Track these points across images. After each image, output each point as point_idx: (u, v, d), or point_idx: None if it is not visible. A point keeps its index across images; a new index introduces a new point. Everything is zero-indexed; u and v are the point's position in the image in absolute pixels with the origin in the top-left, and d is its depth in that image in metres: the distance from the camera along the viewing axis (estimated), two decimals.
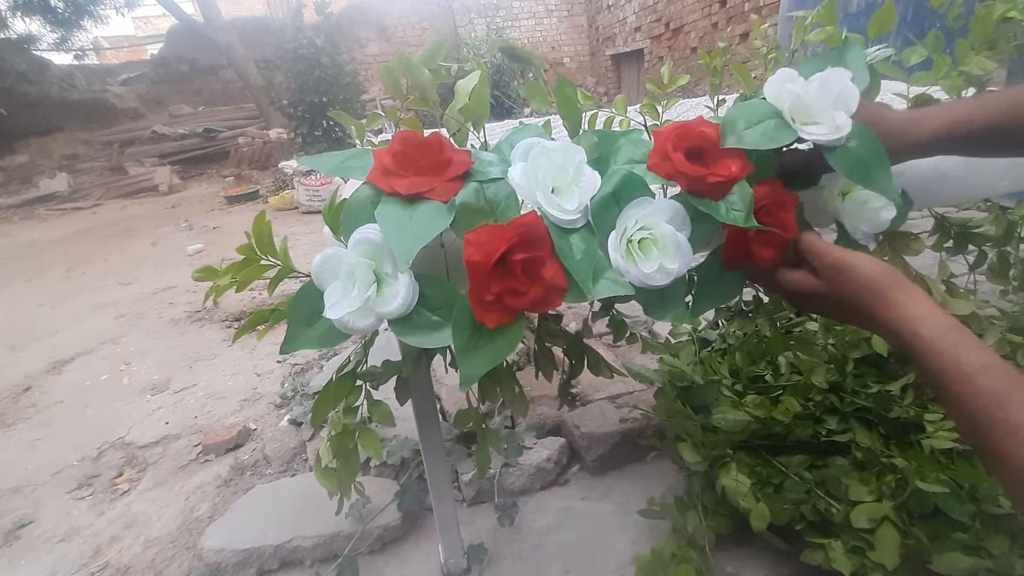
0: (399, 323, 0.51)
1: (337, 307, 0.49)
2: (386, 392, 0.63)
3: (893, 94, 0.74)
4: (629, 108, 0.74)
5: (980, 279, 0.81)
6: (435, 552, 0.86)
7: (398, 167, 0.50)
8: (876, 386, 0.80)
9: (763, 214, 0.56)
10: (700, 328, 1.03)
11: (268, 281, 0.56)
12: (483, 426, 0.67)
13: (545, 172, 0.52)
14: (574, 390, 0.89)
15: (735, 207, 0.53)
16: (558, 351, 0.70)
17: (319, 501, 0.93)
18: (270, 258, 0.53)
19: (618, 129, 0.66)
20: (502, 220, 0.51)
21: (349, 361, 0.60)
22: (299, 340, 0.53)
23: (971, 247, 0.78)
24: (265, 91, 6.81)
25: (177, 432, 1.39)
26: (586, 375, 1.24)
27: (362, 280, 0.49)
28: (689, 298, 0.58)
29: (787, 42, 0.67)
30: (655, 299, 0.56)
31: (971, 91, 0.74)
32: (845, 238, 0.61)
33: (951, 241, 0.78)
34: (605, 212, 0.53)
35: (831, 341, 0.89)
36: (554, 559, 0.84)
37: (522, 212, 0.51)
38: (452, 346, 0.51)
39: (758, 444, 0.78)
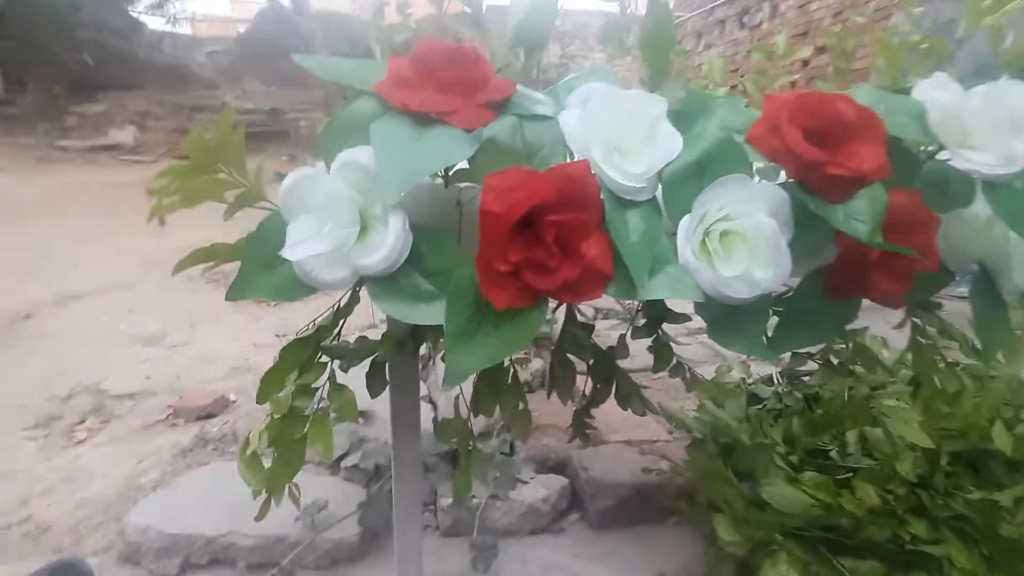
0: (378, 284, 0.38)
1: (300, 247, 0.37)
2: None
3: None
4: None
5: None
6: None
7: (416, 77, 0.37)
8: (977, 491, 0.62)
9: (893, 232, 0.41)
10: (751, 381, 0.87)
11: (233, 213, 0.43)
12: (470, 446, 0.52)
13: (610, 122, 0.39)
14: (591, 422, 0.74)
15: (859, 215, 0.38)
16: (581, 367, 0.55)
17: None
18: (234, 174, 0.41)
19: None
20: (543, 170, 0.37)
21: (312, 325, 0.47)
22: (251, 286, 0.40)
23: None
24: (335, 82, 6.99)
25: (155, 388, 1.29)
26: (605, 409, 1.07)
27: (340, 216, 0.36)
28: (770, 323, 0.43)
29: (948, 31, 0.52)
30: (725, 317, 0.41)
31: None
32: (985, 288, 0.45)
33: None
34: (682, 187, 0.39)
35: (923, 423, 0.71)
36: None
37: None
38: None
39: (816, 536, 0.61)
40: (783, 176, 0.41)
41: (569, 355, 0.54)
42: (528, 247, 0.35)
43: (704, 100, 0.43)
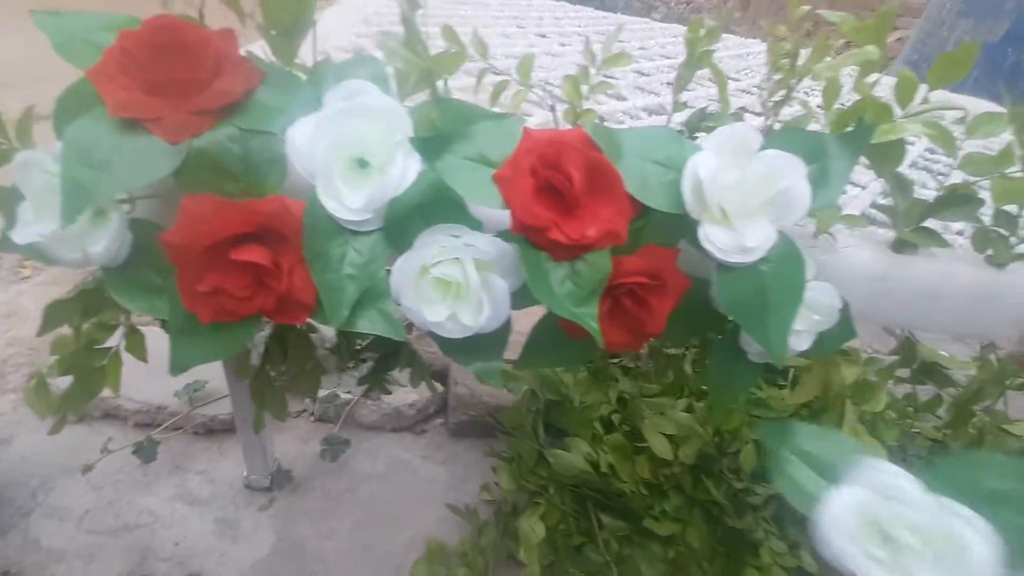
0: (110, 272, 0.40)
1: (24, 231, 0.38)
2: None
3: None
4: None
5: None
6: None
7: (122, 72, 0.35)
8: (745, 483, 0.69)
9: (627, 295, 0.41)
10: None
11: None
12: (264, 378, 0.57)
13: (346, 143, 0.37)
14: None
15: (571, 282, 0.38)
16: None
17: (165, 364, 0.90)
18: None
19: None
20: (257, 191, 0.37)
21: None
22: (5, 245, 0.42)
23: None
24: None
25: None
26: (528, 317, 1.13)
27: (55, 204, 0.37)
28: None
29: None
30: (459, 340, 0.44)
31: None
32: (727, 346, 0.46)
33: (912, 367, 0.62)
34: (404, 225, 0.38)
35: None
36: (356, 508, 0.82)
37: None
38: None
39: (591, 493, 0.70)
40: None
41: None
42: (223, 274, 0.36)
43: (467, 118, 0.40)
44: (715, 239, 0.38)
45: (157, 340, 1.02)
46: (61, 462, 0.82)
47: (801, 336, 0.44)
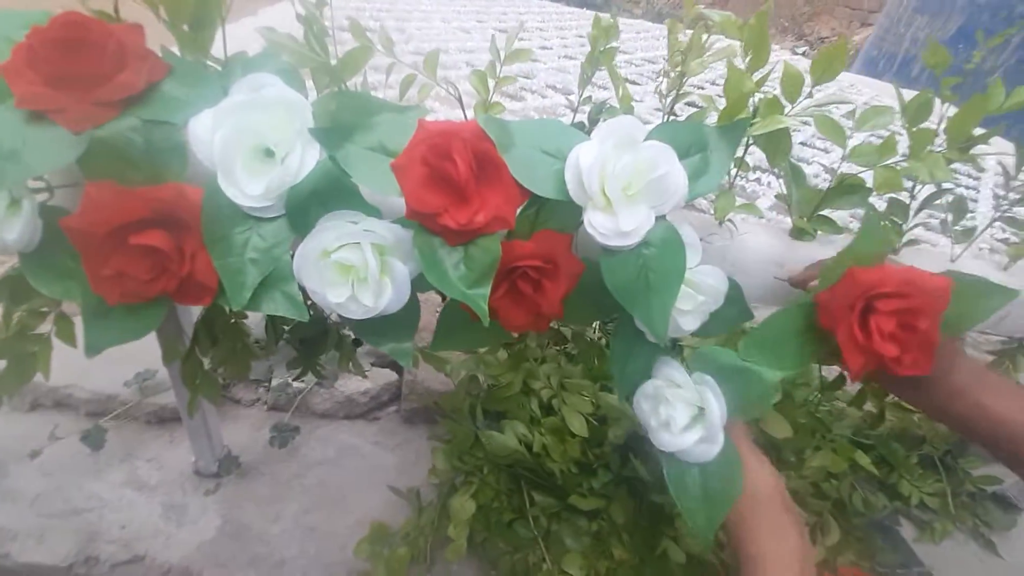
0: (26, 258, 0.42)
1: None
2: None
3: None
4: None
5: None
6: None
7: (29, 66, 0.37)
8: None
9: (522, 279, 0.44)
10: None
11: None
12: (197, 380, 0.59)
13: (246, 133, 0.39)
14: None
15: (465, 265, 0.41)
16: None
17: (116, 356, 0.91)
18: None
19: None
20: (158, 180, 0.39)
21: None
22: None
23: None
24: None
25: None
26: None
27: None
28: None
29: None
30: (372, 322, 0.46)
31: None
32: (627, 328, 0.49)
33: None
34: (303, 211, 0.41)
35: None
36: (304, 493, 0.84)
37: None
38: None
39: (525, 472, 0.73)
40: None
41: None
42: (125, 258, 0.38)
43: (366, 110, 0.42)
44: (598, 224, 0.41)
45: None
46: (15, 448, 0.83)
47: (690, 316, 0.47)
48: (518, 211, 0.44)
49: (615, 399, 0.74)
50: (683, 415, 0.47)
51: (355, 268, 0.41)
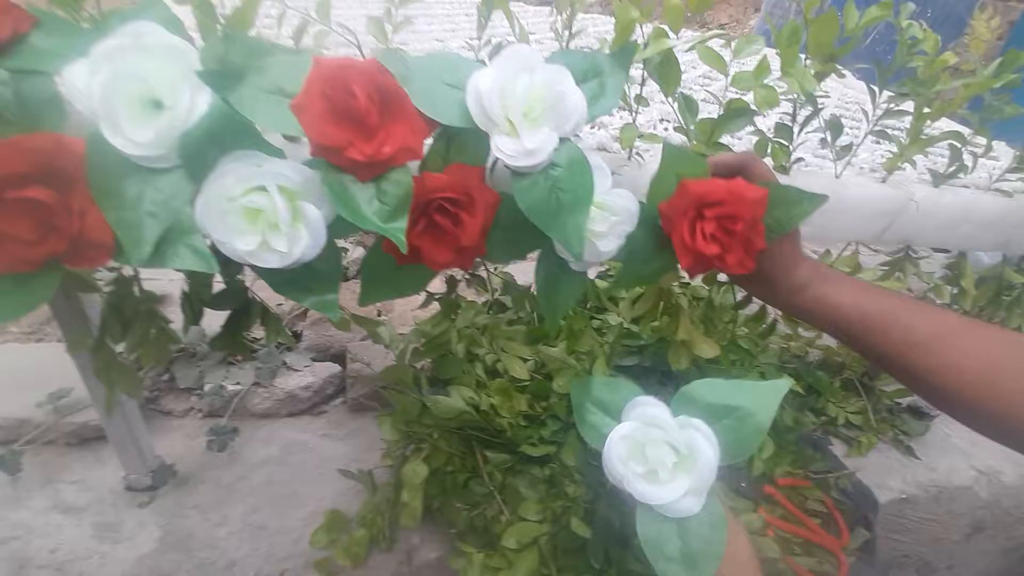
0: None
1: None
2: None
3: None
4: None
5: None
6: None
7: None
8: None
9: (438, 212, 0.44)
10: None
11: None
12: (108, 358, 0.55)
13: (128, 80, 0.37)
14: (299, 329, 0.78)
15: (379, 200, 0.41)
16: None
17: (24, 378, 0.84)
18: None
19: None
20: (33, 131, 0.37)
21: None
22: None
23: None
24: None
25: None
26: (401, 303, 1.14)
27: None
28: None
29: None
30: (290, 274, 0.45)
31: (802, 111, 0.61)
32: (549, 258, 0.50)
33: None
34: (199, 156, 0.39)
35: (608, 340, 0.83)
36: (252, 493, 0.80)
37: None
38: None
39: (476, 433, 0.74)
40: None
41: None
42: (6, 218, 0.36)
43: (256, 55, 0.41)
44: (504, 147, 0.42)
45: (11, 357, 0.96)
46: None
47: (606, 239, 0.49)
48: (428, 147, 0.45)
49: (557, 351, 0.76)
50: (668, 462, 0.42)
51: (263, 213, 0.40)
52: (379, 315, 1.19)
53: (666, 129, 0.75)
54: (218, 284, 0.59)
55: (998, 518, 1.08)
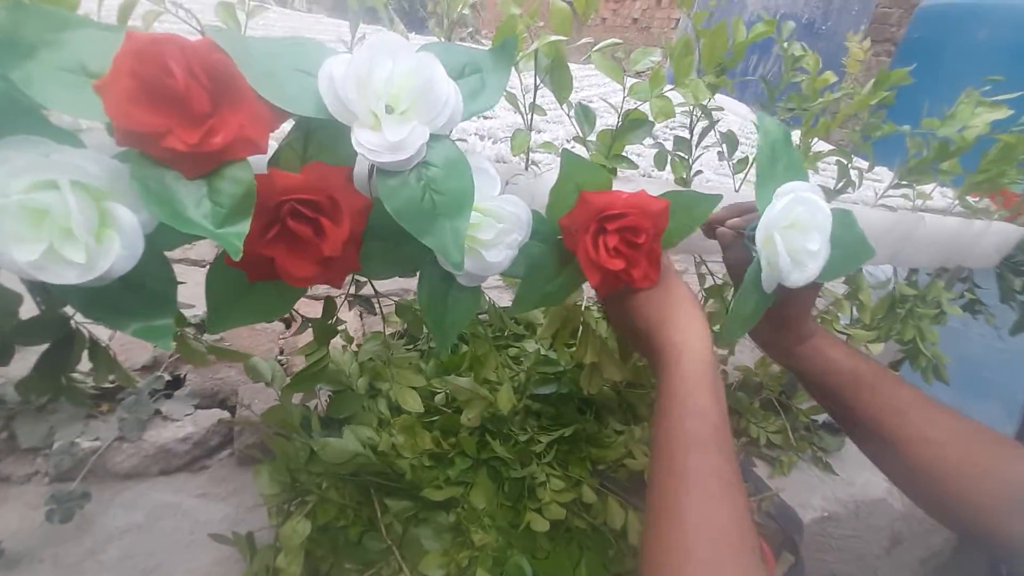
0: None
1: None
2: None
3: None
4: None
5: None
6: None
7: None
8: (530, 434, 0.69)
9: (292, 217, 0.38)
10: None
11: None
12: None
13: None
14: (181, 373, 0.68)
15: (211, 200, 0.34)
16: None
17: None
18: None
19: None
20: None
21: None
22: None
23: None
24: None
25: None
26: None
27: None
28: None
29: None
30: (105, 294, 0.37)
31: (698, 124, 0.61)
32: (434, 275, 0.45)
33: None
34: None
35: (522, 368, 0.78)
36: (103, 570, 0.67)
37: None
38: None
39: (373, 478, 0.65)
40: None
41: None
42: None
43: (53, 27, 0.34)
44: (363, 141, 0.37)
45: None
46: None
47: (494, 249, 0.44)
48: (281, 142, 0.39)
49: (465, 382, 0.69)
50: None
51: (50, 214, 0.32)
52: (281, 353, 1.08)
53: (573, 147, 0.74)
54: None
55: (913, 529, 1.11)
